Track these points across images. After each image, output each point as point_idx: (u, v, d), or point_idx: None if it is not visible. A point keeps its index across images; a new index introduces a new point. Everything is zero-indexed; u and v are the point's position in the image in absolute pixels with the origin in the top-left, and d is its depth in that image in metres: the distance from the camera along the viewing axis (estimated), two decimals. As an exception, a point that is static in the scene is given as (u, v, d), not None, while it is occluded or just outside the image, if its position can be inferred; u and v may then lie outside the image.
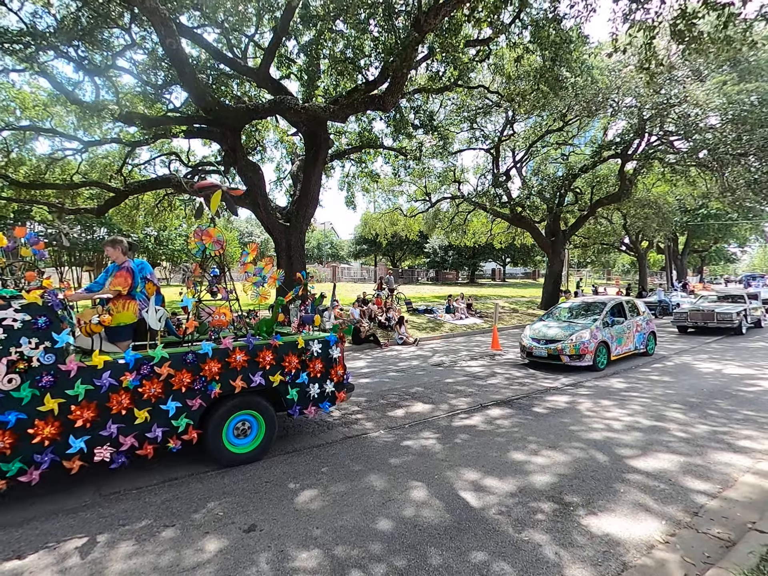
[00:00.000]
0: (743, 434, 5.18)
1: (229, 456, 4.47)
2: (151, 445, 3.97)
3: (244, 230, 50.02)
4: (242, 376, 4.42)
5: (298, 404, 4.84)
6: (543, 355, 9.31)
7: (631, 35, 8.44)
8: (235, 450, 4.51)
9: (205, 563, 2.93)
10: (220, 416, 4.39)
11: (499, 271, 56.60)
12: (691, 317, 14.42)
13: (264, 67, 11.06)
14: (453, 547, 3.06)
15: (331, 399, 5.14)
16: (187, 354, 4.14)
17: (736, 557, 2.73)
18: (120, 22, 10.57)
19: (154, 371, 3.95)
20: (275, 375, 4.62)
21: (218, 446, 4.40)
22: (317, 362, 4.97)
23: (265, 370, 4.57)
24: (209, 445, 4.38)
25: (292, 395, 4.78)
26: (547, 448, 4.84)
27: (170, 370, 4.01)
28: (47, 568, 2.91)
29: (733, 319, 13.70)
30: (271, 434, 4.71)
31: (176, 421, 4.06)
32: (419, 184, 23.22)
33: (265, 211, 12.32)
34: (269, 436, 4.70)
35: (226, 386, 4.33)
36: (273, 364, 4.63)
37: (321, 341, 5.03)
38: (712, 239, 39.12)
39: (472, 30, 12.51)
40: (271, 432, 4.71)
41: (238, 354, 4.39)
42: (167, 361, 4.02)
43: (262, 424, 4.66)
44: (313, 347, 4.93)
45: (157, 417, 3.98)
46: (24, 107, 13.62)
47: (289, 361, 4.73)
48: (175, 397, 4.06)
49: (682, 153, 18.12)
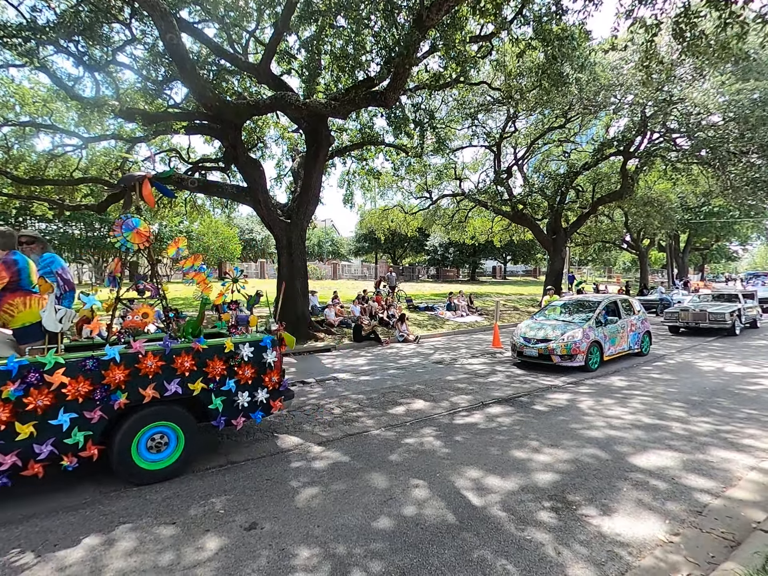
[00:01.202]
0: (746, 433, 5.16)
1: (139, 473, 3.99)
2: (39, 463, 3.50)
3: (244, 227, 49.93)
4: (155, 384, 3.96)
5: (223, 414, 4.38)
6: (533, 355, 9.06)
7: (633, 32, 8.38)
8: (148, 466, 4.03)
9: (206, 561, 2.91)
10: (129, 429, 3.92)
11: (499, 268, 56.55)
12: (682, 317, 13.97)
13: (265, 62, 10.99)
14: (455, 545, 3.04)
15: (265, 408, 4.68)
16: (86, 360, 3.68)
17: (741, 557, 2.71)
18: (120, 17, 10.51)
19: (43, 379, 3.47)
20: (196, 382, 4.17)
21: (126, 463, 3.92)
22: (248, 368, 4.51)
23: (183, 376, 4.11)
24: (115, 462, 3.89)
25: (216, 404, 4.31)
26: (549, 446, 4.82)
27: (64, 378, 3.54)
28: (47, 565, 2.90)
29: (725, 320, 13.23)
30: (192, 447, 4.27)
31: (70, 436, 3.59)
32: (419, 181, 23.16)
33: (266, 208, 12.28)
34: (190, 448, 4.25)
35: (134, 395, 3.87)
36: (193, 370, 4.17)
37: (253, 344, 4.56)
38: (713, 237, 39.02)
39: (474, 26, 12.45)
40: (193, 444, 4.27)
41: (151, 359, 3.93)
42: (61, 367, 3.55)
43: (181, 436, 4.19)
44: (243, 351, 4.47)
45: (46, 432, 3.50)
46: (24, 103, 13.56)
47: (214, 366, 4.27)
48: (69, 408, 3.58)
49: (684, 150, 18.05)
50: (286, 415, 6.08)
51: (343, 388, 7.60)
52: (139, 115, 11.24)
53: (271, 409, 4.74)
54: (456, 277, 51.55)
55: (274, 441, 5.11)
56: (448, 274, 51.07)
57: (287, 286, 12.57)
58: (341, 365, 9.74)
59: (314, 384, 7.96)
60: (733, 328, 13.42)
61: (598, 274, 59.96)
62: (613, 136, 19.90)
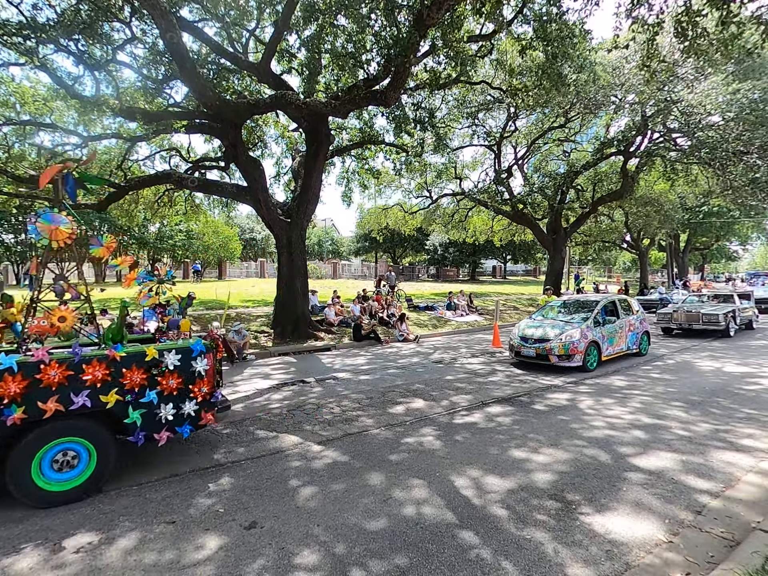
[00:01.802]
0: (745, 433, 5.16)
1: (40, 496, 3.57)
2: None
3: (245, 226, 49.91)
4: (59, 397, 3.56)
5: (142, 429, 3.98)
6: (531, 355, 9.04)
7: (634, 31, 8.37)
8: (52, 487, 3.61)
9: (206, 560, 2.91)
10: (26, 447, 3.52)
11: (499, 268, 56.52)
12: (675, 318, 13.72)
13: (265, 61, 10.98)
14: (454, 545, 3.04)
15: (194, 421, 4.28)
16: None
17: (740, 557, 2.71)
18: (120, 16, 10.49)
19: None
20: (109, 394, 3.77)
21: (23, 484, 3.51)
22: (173, 377, 4.11)
23: (95, 387, 3.71)
24: (11, 484, 3.49)
25: (134, 418, 3.91)
26: (549, 445, 4.82)
27: None
28: (47, 563, 2.91)
29: (719, 321, 12.92)
30: (106, 464, 3.87)
31: None
32: (419, 180, 23.16)
33: (266, 207, 12.28)
34: (104, 465, 3.86)
35: (32, 410, 3.47)
36: (107, 381, 3.78)
37: (181, 351, 4.17)
38: (713, 237, 39.04)
39: (474, 25, 12.44)
40: (107, 461, 3.88)
41: (55, 369, 3.53)
42: None
43: (93, 453, 3.80)
44: (168, 359, 4.08)
45: None
46: (24, 102, 13.56)
47: (132, 376, 3.89)
48: None
49: (684, 150, 18.04)
50: (285, 414, 6.09)
51: (343, 388, 7.61)
52: (139, 114, 11.24)
53: (201, 422, 4.33)
54: (456, 276, 51.54)
55: (273, 440, 5.11)
56: (448, 274, 51.07)
57: (287, 285, 12.61)
58: (341, 364, 9.74)
59: (314, 383, 7.97)
60: (727, 330, 13.08)
61: (598, 274, 59.93)
62: (614, 136, 19.92)
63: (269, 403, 6.74)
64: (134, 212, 18.33)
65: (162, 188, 16.84)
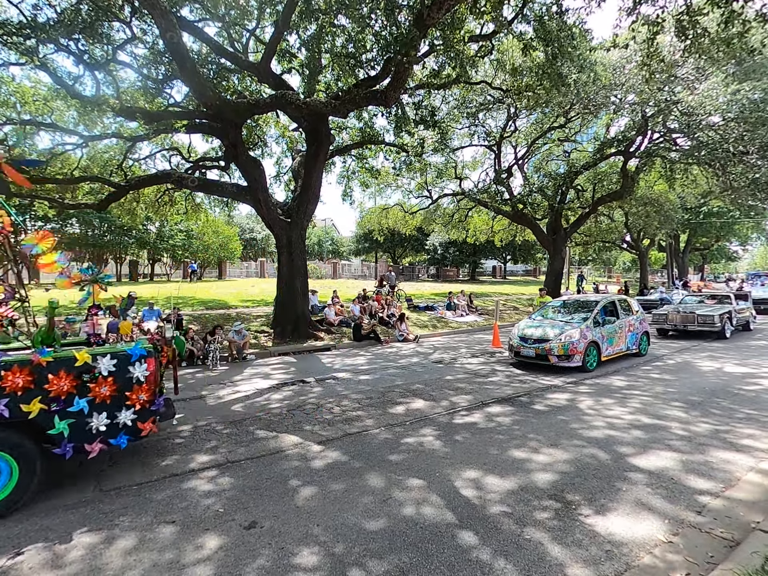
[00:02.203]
0: (745, 433, 5.15)
1: None
2: None
3: (245, 226, 49.88)
4: None
5: (70, 440, 3.65)
6: (530, 355, 9.03)
7: (634, 30, 8.37)
8: None
9: (205, 560, 2.91)
10: None
11: (499, 268, 56.50)
12: (670, 319, 13.43)
13: (265, 61, 10.98)
14: (454, 545, 3.04)
15: (132, 431, 3.96)
16: None
17: (740, 557, 2.71)
18: (120, 16, 10.49)
19: None
20: (31, 402, 3.48)
21: None
22: (107, 384, 3.79)
23: (14, 395, 3.44)
24: None
25: (60, 428, 3.60)
26: (548, 446, 4.82)
27: None
28: (47, 563, 2.91)
29: (714, 322, 12.60)
30: (31, 477, 3.58)
31: None
32: (420, 179, 23.16)
33: (266, 206, 12.27)
34: (28, 480, 3.56)
35: None
36: (29, 388, 3.50)
37: (116, 356, 3.87)
38: (713, 237, 39.04)
39: (474, 25, 12.43)
40: (32, 475, 3.58)
41: None
42: None
43: (14, 466, 3.51)
44: (101, 364, 3.77)
45: None
46: (24, 101, 13.55)
47: (58, 382, 3.58)
48: None
49: (684, 150, 18.04)
50: (285, 414, 6.09)
51: (343, 388, 7.61)
52: (139, 114, 11.24)
53: (140, 433, 4.01)
54: (456, 276, 51.51)
55: (273, 440, 5.11)
56: (448, 274, 51.04)
57: (287, 285, 12.61)
58: (341, 364, 9.74)
59: (314, 383, 7.97)
60: (722, 331, 12.81)
61: (598, 274, 59.93)
62: (614, 136, 19.91)
63: (269, 403, 6.74)
64: (136, 210, 18.30)
65: (162, 188, 16.84)
